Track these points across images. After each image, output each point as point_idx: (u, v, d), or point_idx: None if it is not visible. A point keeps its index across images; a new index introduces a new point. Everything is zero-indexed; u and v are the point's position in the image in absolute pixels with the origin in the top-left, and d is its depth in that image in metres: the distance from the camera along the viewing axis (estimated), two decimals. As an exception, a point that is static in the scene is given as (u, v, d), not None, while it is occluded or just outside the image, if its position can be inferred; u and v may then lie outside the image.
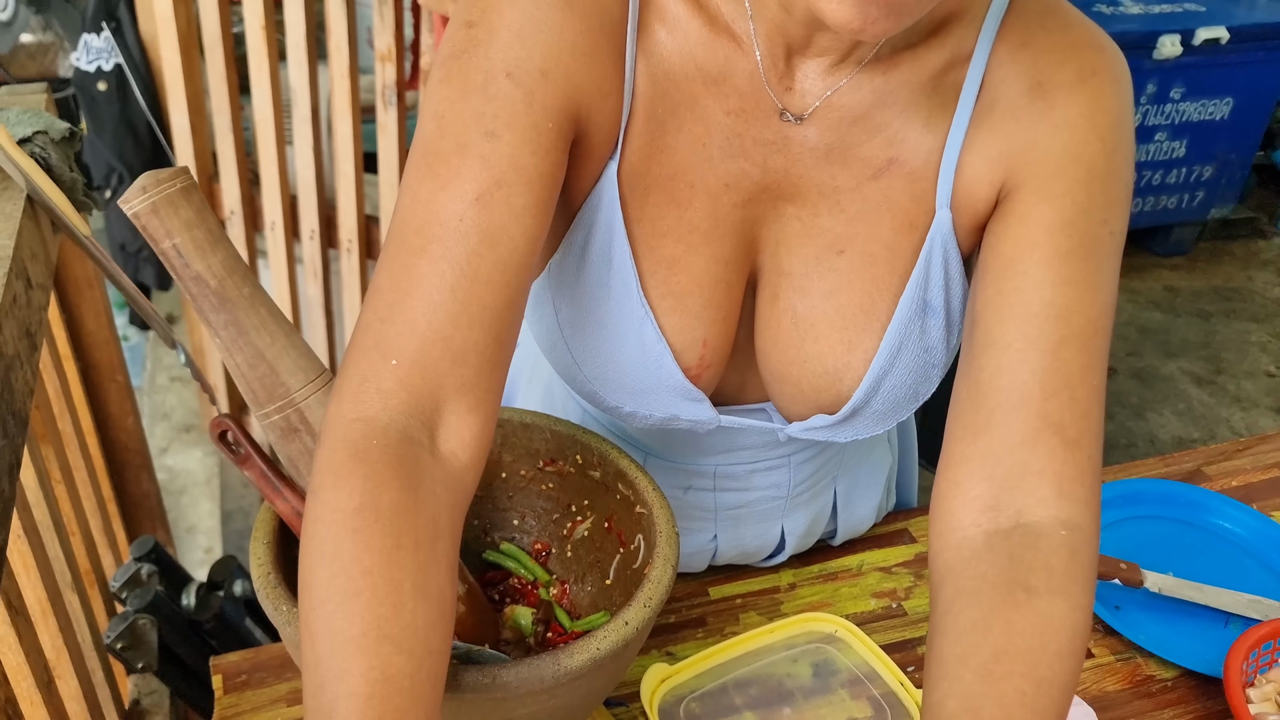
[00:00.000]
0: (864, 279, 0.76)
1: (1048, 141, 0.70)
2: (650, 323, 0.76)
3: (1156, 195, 3.52)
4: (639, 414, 0.81)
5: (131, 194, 0.70)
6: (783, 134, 0.73)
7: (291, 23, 2.06)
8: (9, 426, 0.69)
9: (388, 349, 0.64)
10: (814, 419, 0.82)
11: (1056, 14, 0.73)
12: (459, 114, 0.66)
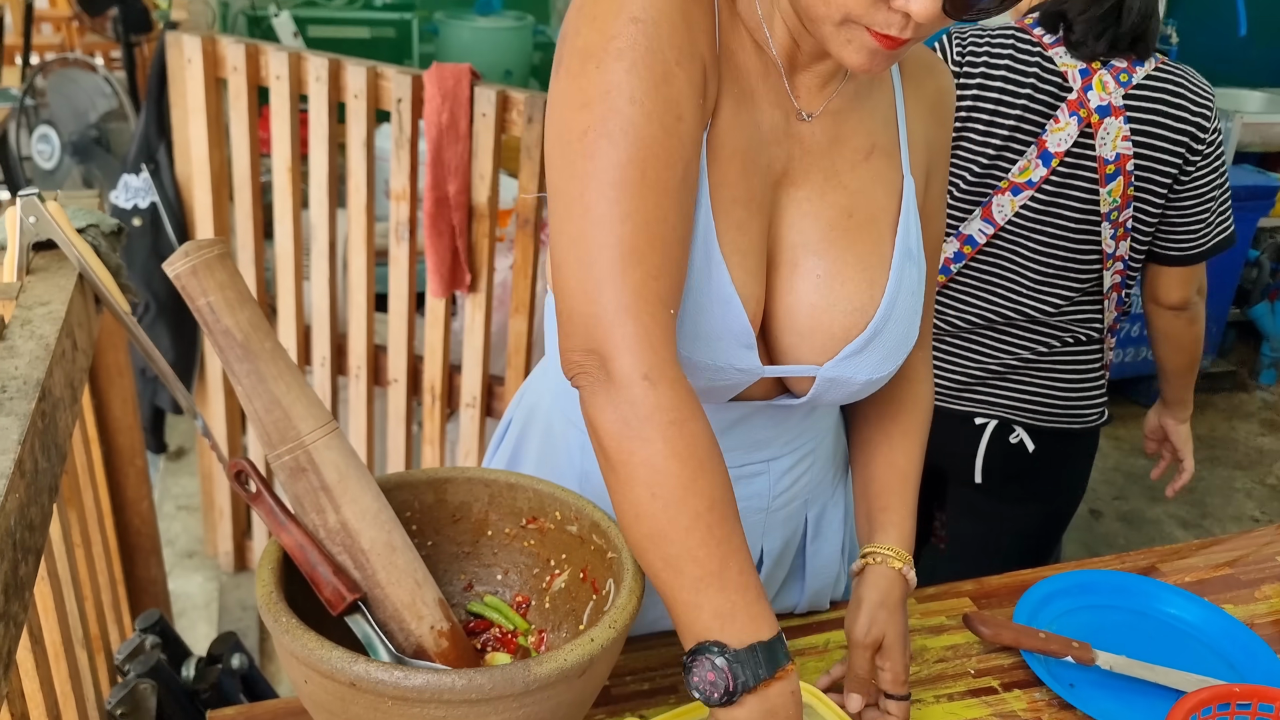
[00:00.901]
0: (870, 234, 0.96)
1: (939, 138, 1.05)
2: (724, 272, 0.89)
3: (1136, 346, 3.66)
4: (700, 363, 0.91)
5: (175, 258, 0.82)
6: (798, 130, 0.94)
7: (315, 171, 2.24)
8: (52, 455, 0.78)
9: (666, 300, 0.80)
10: (844, 349, 0.95)
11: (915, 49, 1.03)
12: (653, 102, 0.80)
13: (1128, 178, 1.55)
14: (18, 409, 0.74)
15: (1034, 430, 1.69)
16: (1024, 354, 1.67)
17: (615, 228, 0.78)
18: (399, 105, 2.05)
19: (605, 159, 0.79)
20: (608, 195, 0.79)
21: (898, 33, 0.78)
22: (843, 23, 0.80)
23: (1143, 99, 1.54)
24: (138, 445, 1.30)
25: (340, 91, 2.12)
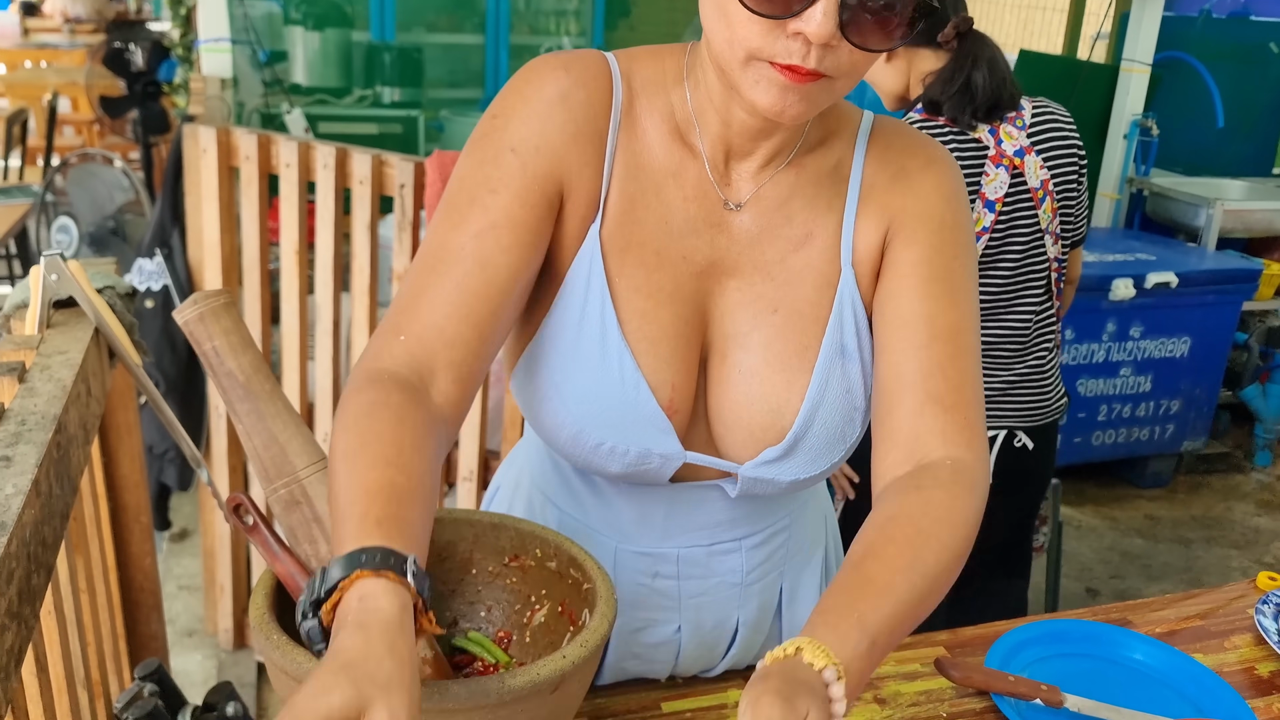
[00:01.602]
0: (795, 330, 0.96)
1: (910, 207, 0.97)
2: (629, 358, 0.93)
3: (1128, 428, 3.70)
4: (618, 449, 0.95)
5: (184, 307, 0.89)
6: (726, 219, 0.96)
7: (321, 254, 2.34)
8: (64, 484, 0.84)
9: (399, 330, 0.86)
10: (763, 453, 0.97)
11: (904, 129, 1.02)
12: (473, 176, 0.91)
13: (1052, 195, 1.90)
14: (35, 439, 0.80)
15: (1032, 431, 2.00)
16: (1019, 369, 1.97)
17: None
18: (401, 190, 2.15)
19: (429, 227, 0.92)
20: (422, 251, 0.91)
21: (800, 61, 0.79)
22: (748, 62, 0.81)
23: (1040, 133, 1.88)
24: (143, 503, 1.35)
25: (346, 178, 2.23)
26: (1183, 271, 3.51)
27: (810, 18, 0.77)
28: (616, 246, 0.94)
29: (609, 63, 0.96)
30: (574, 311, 0.94)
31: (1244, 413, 4.25)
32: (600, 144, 0.93)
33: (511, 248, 0.89)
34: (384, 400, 0.80)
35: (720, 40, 0.83)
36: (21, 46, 8.79)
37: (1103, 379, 3.58)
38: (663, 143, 0.95)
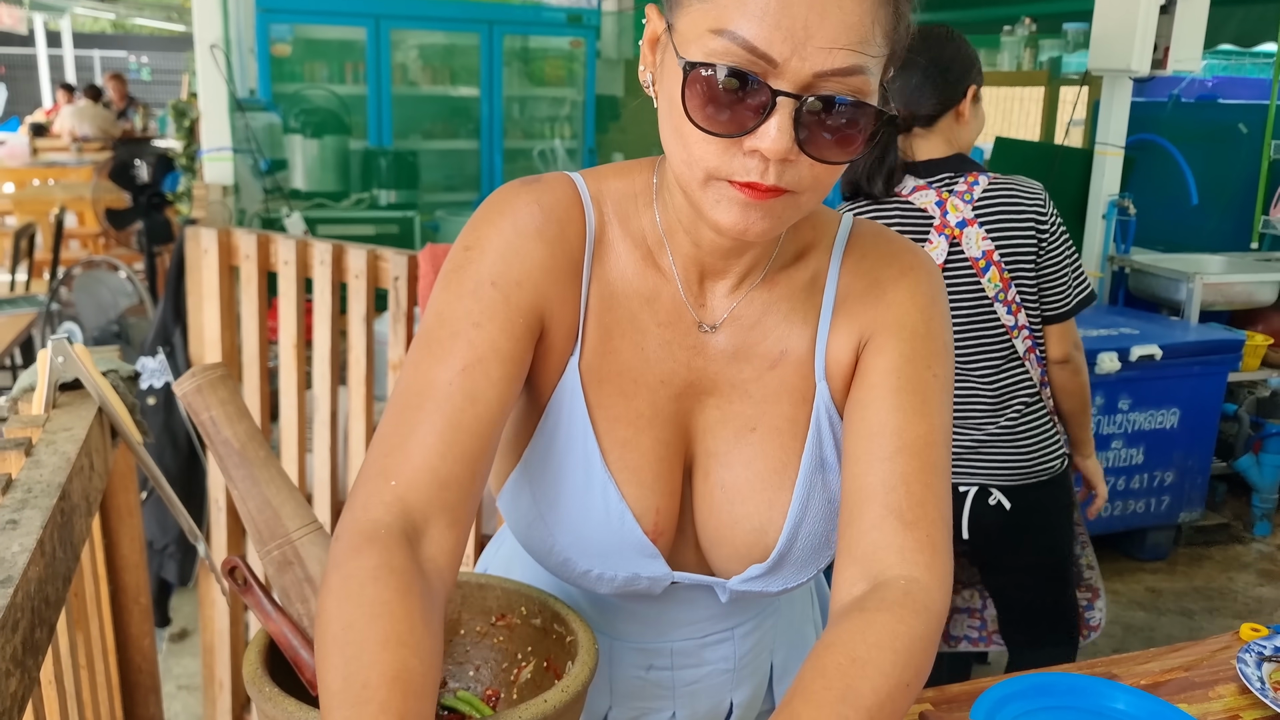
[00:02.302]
0: (774, 447, 0.96)
1: (882, 317, 0.94)
2: (613, 489, 0.93)
3: (1124, 500, 3.72)
4: (605, 575, 0.97)
5: (183, 380, 0.95)
6: (701, 341, 0.95)
7: (319, 346, 2.41)
8: (67, 549, 0.89)
9: (389, 474, 0.82)
10: (749, 570, 0.97)
11: (882, 236, 1.00)
12: (454, 310, 0.88)
13: (999, 265, 1.96)
14: (40, 504, 0.85)
15: (1009, 490, 2.05)
16: (989, 429, 2.03)
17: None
18: (395, 283, 2.23)
19: (407, 364, 0.90)
20: (401, 388, 0.88)
21: (759, 178, 0.78)
22: (707, 182, 0.80)
23: (988, 206, 1.96)
24: (142, 584, 1.39)
25: (343, 274, 2.31)
26: (1167, 344, 3.57)
27: (765, 134, 0.76)
28: (595, 378, 0.94)
29: (578, 189, 0.95)
30: (557, 444, 0.95)
31: (1240, 483, 4.26)
32: (576, 276, 0.93)
33: (499, 381, 0.87)
34: (388, 564, 0.76)
35: (679, 161, 0.82)
36: (31, 165, 9.05)
37: (1096, 452, 3.61)
38: (635, 267, 0.94)
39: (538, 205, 0.92)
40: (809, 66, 0.75)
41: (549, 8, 5.21)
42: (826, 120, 0.77)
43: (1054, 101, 5.24)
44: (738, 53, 0.75)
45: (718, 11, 0.76)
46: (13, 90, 16.47)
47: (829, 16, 0.74)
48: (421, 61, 5.31)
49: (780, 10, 0.74)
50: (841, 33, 0.75)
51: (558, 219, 0.92)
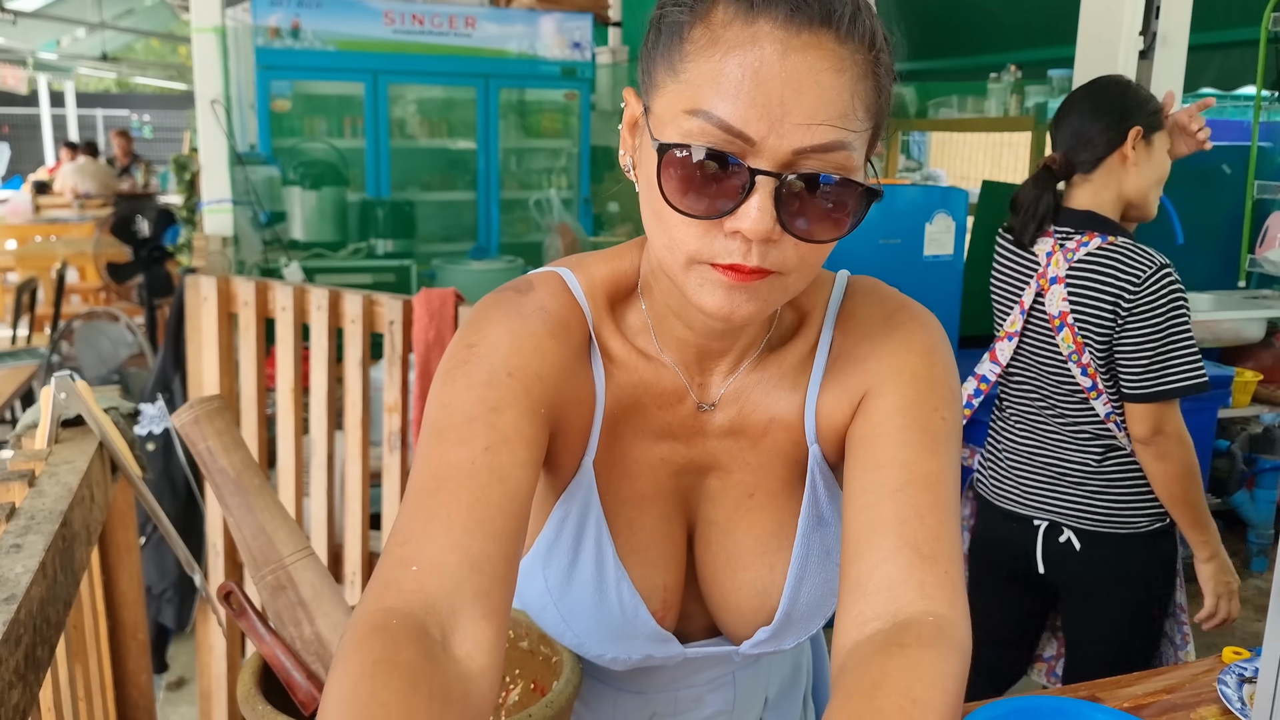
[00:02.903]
0: (771, 511, 0.97)
1: (878, 366, 0.90)
2: (626, 583, 0.94)
3: (1119, 537, 3.72)
4: (620, 658, 0.98)
5: (182, 411, 0.98)
6: (700, 419, 0.95)
7: (315, 391, 2.45)
8: (68, 575, 0.92)
9: (408, 560, 0.72)
10: (758, 634, 0.98)
11: (876, 294, 0.97)
12: (465, 400, 0.81)
13: (1072, 329, 1.97)
14: (43, 530, 0.88)
15: (1083, 533, 2.04)
16: (1061, 466, 2.04)
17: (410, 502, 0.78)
18: (390, 327, 2.27)
19: (418, 458, 0.82)
20: (415, 481, 0.80)
21: (741, 259, 0.76)
22: (690, 266, 0.78)
23: (1081, 270, 1.95)
24: (140, 620, 1.41)
25: (339, 318, 2.36)
26: (1155, 381, 3.60)
27: (745, 214, 0.74)
28: (604, 467, 0.94)
29: (569, 286, 0.92)
30: (568, 537, 0.95)
31: (1235, 520, 4.28)
32: (586, 372, 0.91)
33: (524, 463, 0.79)
34: (390, 659, 0.64)
35: (660, 245, 0.80)
36: (33, 222, 9.15)
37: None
38: (632, 358, 0.93)
39: (542, 308, 0.88)
40: (787, 144, 0.73)
41: (544, 61, 5.31)
42: (809, 198, 0.75)
43: (1040, 146, 5.32)
44: (714, 133, 0.74)
45: (692, 92, 0.75)
46: (16, 149, 16.69)
47: (806, 92, 0.73)
48: (419, 115, 5.40)
49: (755, 88, 0.72)
50: (820, 108, 0.73)
51: (564, 321, 0.89)
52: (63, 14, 9.59)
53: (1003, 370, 2.14)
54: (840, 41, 0.74)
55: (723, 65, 0.73)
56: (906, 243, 3.26)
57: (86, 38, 12.28)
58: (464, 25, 5.09)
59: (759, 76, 0.73)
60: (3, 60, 13.24)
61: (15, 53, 12.89)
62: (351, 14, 4.87)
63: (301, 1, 4.76)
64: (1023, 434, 2.11)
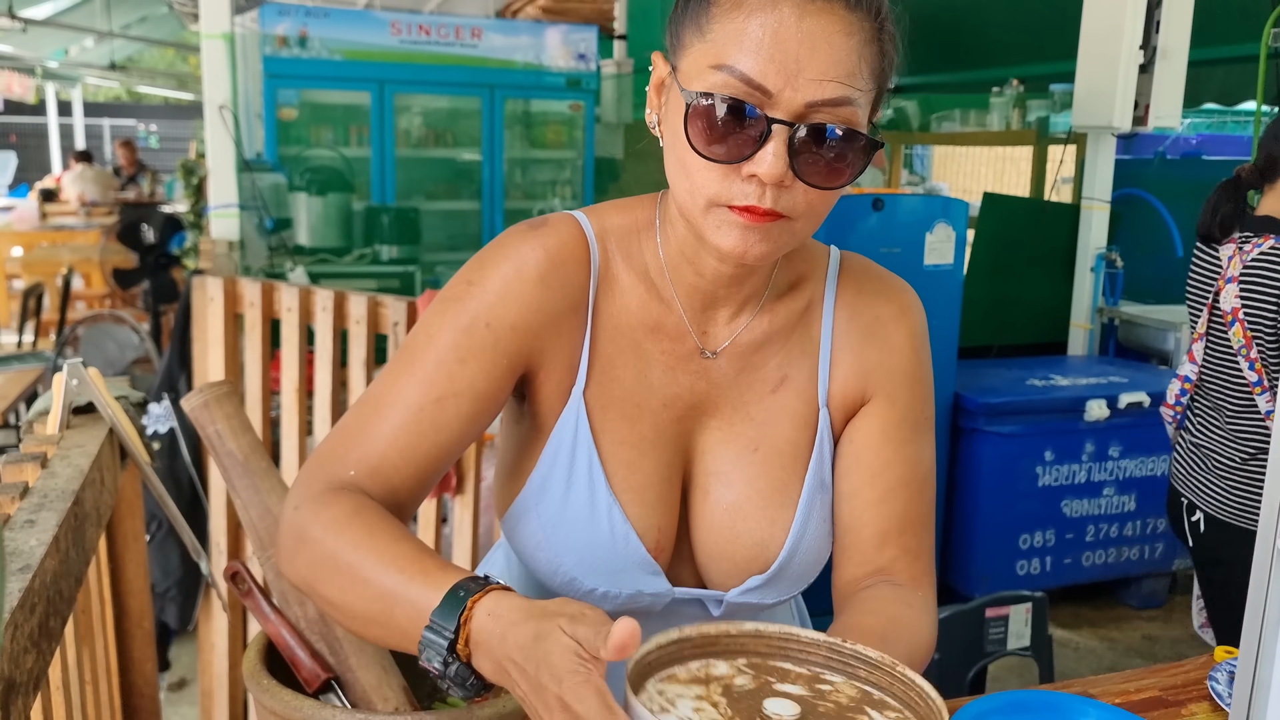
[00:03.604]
0: (775, 467, 1.01)
1: (886, 362, 1.03)
2: (618, 510, 0.98)
3: (1118, 547, 3.74)
4: (610, 593, 1.00)
5: (191, 396, 1.01)
6: (703, 365, 1.01)
7: (320, 390, 2.47)
8: (79, 552, 0.94)
9: (347, 464, 0.91)
10: (749, 581, 1.02)
11: (872, 270, 1.08)
12: (443, 339, 0.93)
13: (1242, 324, 2.16)
14: (56, 508, 0.90)
15: (1211, 519, 2.24)
16: (1212, 453, 2.24)
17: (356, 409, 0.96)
18: (395, 328, 2.30)
19: (389, 370, 0.96)
20: (377, 389, 0.95)
21: (756, 201, 0.84)
22: (709, 208, 0.87)
23: (1253, 269, 2.14)
24: (146, 608, 1.43)
25: (344, 319, 2.38)
26: (1155, 392, 3.62)
27: (761, 159, 0.82)
28: (599, 404, 0.99)
29: (583, 227, 0.99)
30: (561, 469, 0.99)
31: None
32: (581, 313, 0.98)
33: (468, 417, 0.93)
34: (365, 503, 0.87)
35: (682, 191, 0.89)
36: (39, 229, 9.20)
37: (1087, 499, 3.65)
38: (639, 298, 0.99)
39: (543, 250, 0.96)
40: (801, 97, 0.82)
41: (550, 72, 5.36)
42: (818, 148, 0.83)
43: (1042, 160, 5.36)
44: (736, 85, 0.83)
45: (717, 49, 0.84)
46: (23, 158, 16.77)
47: (819, 51, 0.82)
48: (425, 125, 5.45)
49: (774, 46, 0.81)
50: (830, 66, 0.82)
51: (563, 264, 0.96)
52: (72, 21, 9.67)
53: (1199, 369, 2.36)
54: (850, 9, 0.83)
55: (746, 25, 0.82)
56: (907, 251, 3.29)
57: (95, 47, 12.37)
58: (470, 36, 5.13)
59: (778, 35, 0.81)
60: (11, 69, 13.34)
61: (23, 61, 12.98)
62: (359, 24, 4.92)
63: (309, 11, 4.81)
64: (1193, 420, 2.34)
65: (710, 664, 0.80)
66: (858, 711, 0.77)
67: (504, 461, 1.07)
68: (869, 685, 0.81)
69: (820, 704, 0.77)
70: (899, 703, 0.79)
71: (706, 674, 0.79)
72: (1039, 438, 3.53)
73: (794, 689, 0.79)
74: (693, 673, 0.78)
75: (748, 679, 0.79)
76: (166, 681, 3.12)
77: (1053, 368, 3.92)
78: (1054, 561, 3.64)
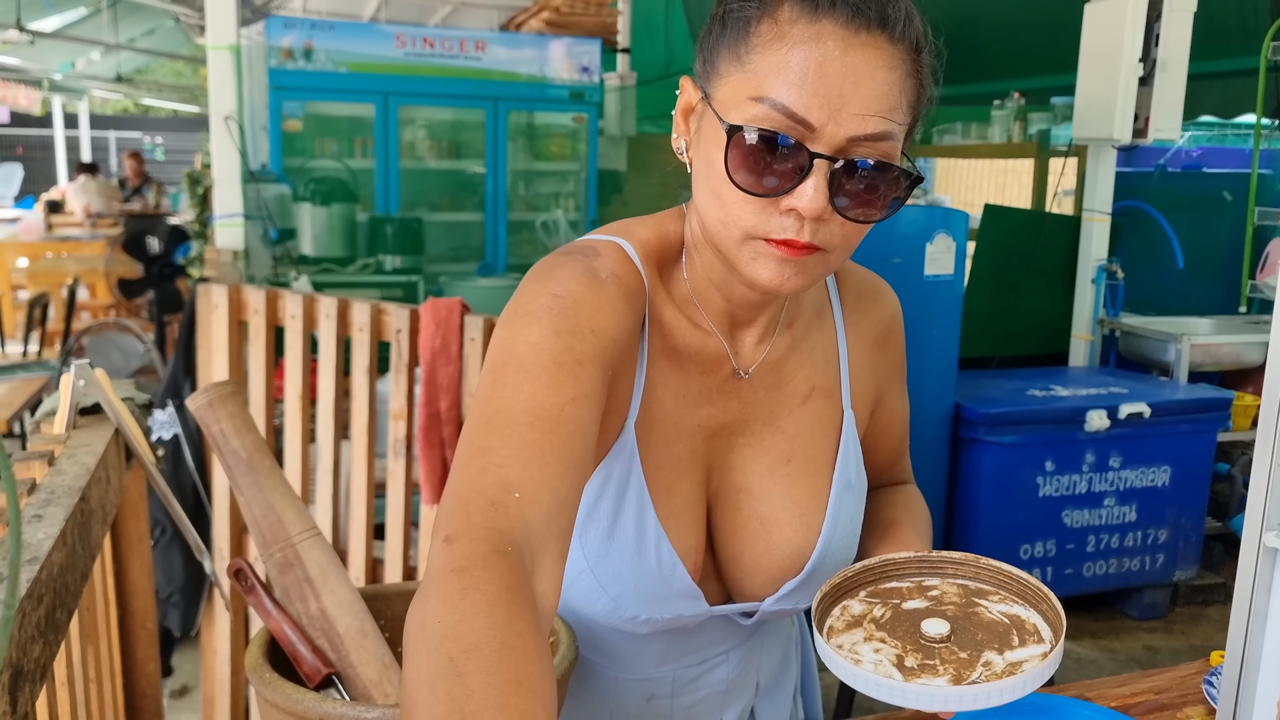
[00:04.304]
0: (808, 475, 1.03)
1: (891, 359, 1.13)
2: (666, 543, 0.97)
3: (1119, 558, 3.75)
4: (653, 619, 0.99)
5: (196, 396, 1.02)
6: (737, 386, 1.01)
7: (323, 398, 2.49)
8: (85, 548, 0.96)
9: (510, 484, 0.75)
10: (784, 586, 1.03)
11: (860, 273, 1.12)
12: (553, 344, 0.84)
13: None
14: (63, 503, 0.92)
15: None
16: None
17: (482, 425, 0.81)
18: (398, 335, 2.31)
19: (502, 385, 0.83)
20: (504, 407, 0.82)
21: (795, 235, 0.83)
22: (744, 241, 0.86)
23: None
24: (149, 609, 1.44)
25: (347, 327, 2.40)
26: (1155, 402, 3.63)
27: (802, 194, 0.81)
28: (644, 430, 0.97)
29: (631, 256, 0.96)
30: (609, 499, 0.96)
31: (1233, 542, 4.28)
32: (638, 340, 0.96)
33: (596, 422, 0.85)
34: (520, 591, 0.67)
35: (715, 221, 0.87)
36: (45, 240, 9.24)
37: (1088, 509, 3.65)
38: (681, 324, 0.99)
39: (615, 276, 0.93)
40: (844, 131, 0.81)
41: (553, 85, 5.39)
42: (858, 182, 0.83)
43: (1044, 172, 5.38)
44: (777, 118, 0.81)
45: (758, 80, 0.82)
46: (30, 170, 16.86)
47: (862, 86, 0.81)
48: (429, 137, 5.48)
49: (818, 79, 0.80)
50: (873, 101, 0.81)
51: (632, 288, 0.94)
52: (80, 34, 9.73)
53: None
54: (893, 43, 0.83)
55: (789, 57, 0.81)
56: (908, 262, 3.31)
57: (101, 59, 12.44)
58: (474, 49, 5.17)
59: (822, 69, 0.80)
60: (18, 81, 13.42)
61: (30, 74, 13.06)
62: (364, 36, 4.96)
63: (315, 23, 4.85)
64: None
65: (845, 606, 0.96)
66: (971, 606, 0.96)
67: None
68: (961, 579, 1.00)
69: (944, 609, 0.95)
70: (993, 586, 0.99)
71: (852, 616, 0.95)
72: (1039, 448, 3.54)
73: (916, 603, 0.97)
74: (842, 619, 0.94)
75: (881, 607, 0.96)
76: (169, 688, 3.13)
77: (1053, 378, 3.93)
78: (1055, 571, 3.64)
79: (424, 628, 0.63)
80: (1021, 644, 0.92)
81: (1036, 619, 0.96)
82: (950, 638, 0.91)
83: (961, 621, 0.94)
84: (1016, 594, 0.98)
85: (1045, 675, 0.88)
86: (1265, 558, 0.83)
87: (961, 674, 0.87)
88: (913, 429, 1.26)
